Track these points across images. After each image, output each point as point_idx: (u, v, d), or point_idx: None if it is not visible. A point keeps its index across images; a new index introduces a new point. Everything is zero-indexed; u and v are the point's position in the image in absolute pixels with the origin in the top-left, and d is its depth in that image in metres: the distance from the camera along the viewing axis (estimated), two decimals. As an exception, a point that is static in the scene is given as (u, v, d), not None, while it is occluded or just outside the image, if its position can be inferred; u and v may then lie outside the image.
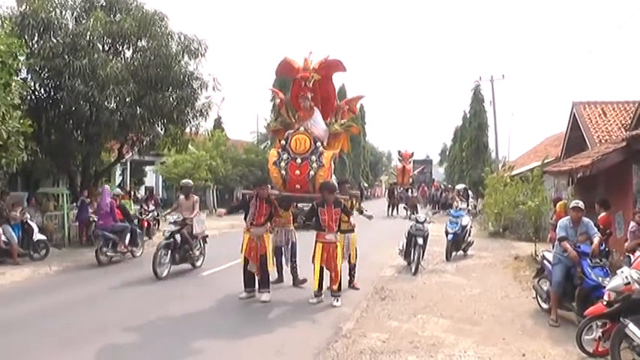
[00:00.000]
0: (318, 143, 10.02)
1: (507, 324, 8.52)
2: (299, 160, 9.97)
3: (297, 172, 9.98)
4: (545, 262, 9.37)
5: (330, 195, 9.62)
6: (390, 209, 33.83)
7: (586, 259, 8.20)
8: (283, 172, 10.06)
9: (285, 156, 10.10)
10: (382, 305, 9.56)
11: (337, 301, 9.61)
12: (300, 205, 12.02)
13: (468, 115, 41.71)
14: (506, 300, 10.17)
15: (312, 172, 9.93)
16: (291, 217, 11.28)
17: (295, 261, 11.11)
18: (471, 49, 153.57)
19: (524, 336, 7.87)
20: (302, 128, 10.11)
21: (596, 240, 8.35)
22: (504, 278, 12.35)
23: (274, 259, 10.73)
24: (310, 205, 10.13)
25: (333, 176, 10.75)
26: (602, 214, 10.49)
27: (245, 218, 10.24)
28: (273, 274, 10.59)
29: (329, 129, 10.44)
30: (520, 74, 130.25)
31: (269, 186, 10.31)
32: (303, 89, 10.18)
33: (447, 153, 66.03)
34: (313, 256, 9.73)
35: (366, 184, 55.13)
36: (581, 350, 6.90)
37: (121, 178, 30.39)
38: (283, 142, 10.22)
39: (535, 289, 9.59)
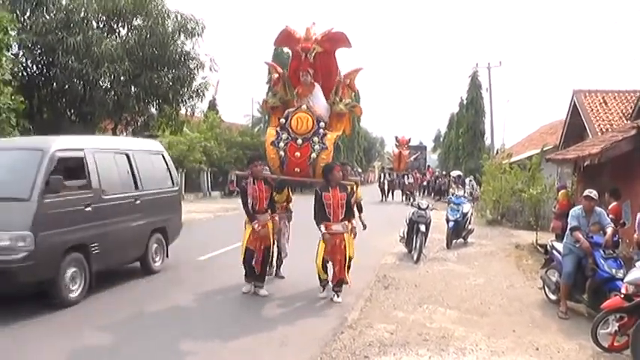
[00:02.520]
0: (322, 123, 9.14)
1: (516, 315, 8.30)
2: (300, 141, 9.05)
3: (298, 154, 9.06)
4: (554, 252, 9.12)
5: (335, 175, 8.73)
6: (384, 195, 33.65)
7: (599, 249, 7.98)
8: (282, 153, 9.12)
9: (284, 136, 9.16)
10: (386, 294, 9.30)
11: (338, 296, 8.87)
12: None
13: (465, 102, 41.51)
14: (512, 290, 9.94)
15: (313, 155, 9.01)
16: (287, 201, 10.36)
17: (283, 253, 10.33)
18: (468, 34, 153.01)
19: (535, 328, 7.64)
20: (304, 106, 9.20)
21: (609, 230, 8.11)
22: (507, 267, 12.14)
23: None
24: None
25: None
26: (613, 203, 10.24)
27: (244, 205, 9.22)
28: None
29: (333, 108, 9.51)
30: (517, 61, 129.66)
31: (262, 163, 9.31)
32: (304, 62, 9.23)
33: (442, 139, 65.77)
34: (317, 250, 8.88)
35: (360, 170, 54.86)
36: (595, 345, 6.68)
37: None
38: (283, 120, 9.29)
39: (543, 280, 9.36)
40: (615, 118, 19.21)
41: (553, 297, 8.93)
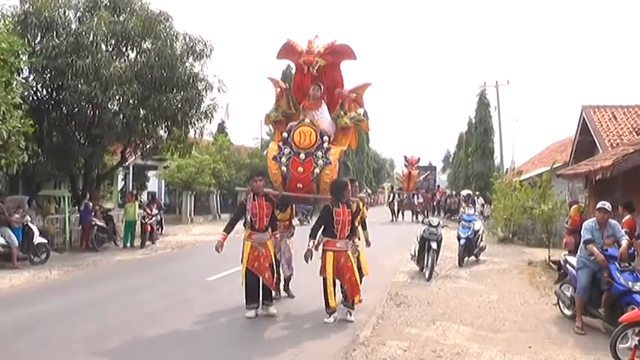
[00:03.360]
0: (325, 137, 8.85)
1: (531, 331, 8.13)
2: (302, 156, 8.78)
3: (300, 169, 8.79)
4: (567, 266, 8.98)
5: (344, 192, 8.44)
6: (394, 215, 33.50)
7: (614, 262, 7.81)
8: (284, 168, 8.84)
9: (286, 150, 8.90)
10: (398, 312, 9.15)
11: (350, 315, 8.54)
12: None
13: (474, 121, 41.33)
14: (526, 306, 9.77)
15: (316, 170, 8.74)
16: (290, 220, 10.01)
17: (285, 272, 9.92)
18: (475, 55, 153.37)
19: (551, 344, 7.48)
20: (307, 120, 8.95)
21: (624, 243, 7.93)
22: (521, 284, 11.96)
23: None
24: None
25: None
26: (627, 217, 10.08)
27: (244, 224, 8.92)
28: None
29: (337, 122, 9.25)
30: (525, 79, 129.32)
31: (263, 179, 8.85)
32: (307, 76, 9.07)
33: (451, 160, 65.58)
34: (322, 268, 8.44)
35: (369, 191, 54.64)
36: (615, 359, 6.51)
37: (123, 183, 30.09)
38: (285, 134, 9.02)
39: (557, 295, 9.19)
40: (625, 133, 19.11)
41: (568, 312, 8.77)
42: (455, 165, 55.64)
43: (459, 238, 14.66)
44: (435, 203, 37.70)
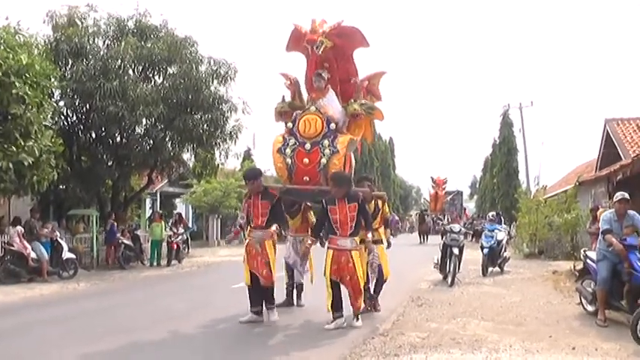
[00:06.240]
0: (332, 125, 8.16)
1: (552, 325, 8.08)
2: (308, 146, 8.10)
3: (306, 160, 8.11)
4: (588, 261, 8.91)
5: (341, 188, 7.69)
6: (422, 236, 33.40)
7: (634, 252, 7.71)
8: (289, 160, 8.18)
9: (291, 141, 8.22)
10: (419, 310, 9.17)
11: (358, 320, 7.93)
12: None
13: (498, 142, 41.16)
14: (549, 306, 9.71)
15: (323, 161, 8.04)
16: (305, 224, 9.34)
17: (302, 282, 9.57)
18: (497, 79, 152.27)
19: (572, 334, 7.42)
20: (313, 107, 8.31)
21: (644, 232, 7.88)
22: (544, 289, 11.88)
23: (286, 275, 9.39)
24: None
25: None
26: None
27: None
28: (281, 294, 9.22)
29: (347, 109, 8.53)
30: (549, 100, 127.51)
31: (253, 182, 8.24)
32: (312, 56, 8.41)
33: (477, 185, 65.25)
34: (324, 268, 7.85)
35: (397, 217, 54.42)
36: (637, 343, 6.47)
37: (151, 211, 30.57)
38: (290, 124, 8.38)
39: (579, 292, 9.11)
40: (651, 144, 18.94)
41: (591, 308, 8.67)
42: (481, 189, 55.23)
43: (482, 248, 14.64)
44: (464, 225, 37.48)
